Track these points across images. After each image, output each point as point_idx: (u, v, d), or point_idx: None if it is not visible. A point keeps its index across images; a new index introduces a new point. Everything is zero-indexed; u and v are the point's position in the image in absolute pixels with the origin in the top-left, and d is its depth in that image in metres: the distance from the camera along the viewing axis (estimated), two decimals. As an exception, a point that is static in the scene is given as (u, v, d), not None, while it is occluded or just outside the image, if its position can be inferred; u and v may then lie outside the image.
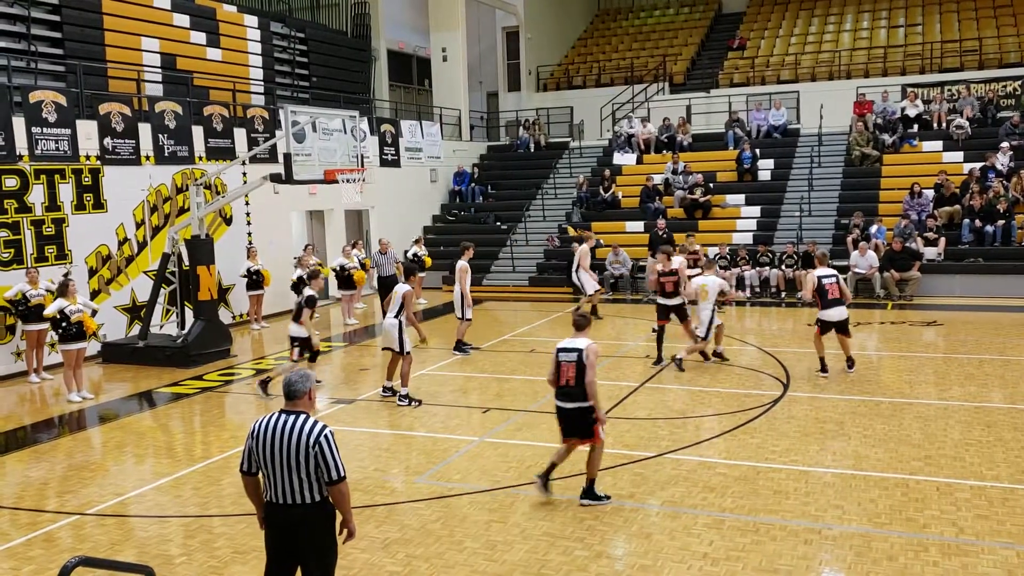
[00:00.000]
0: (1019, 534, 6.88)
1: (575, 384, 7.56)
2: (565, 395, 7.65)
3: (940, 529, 7.02)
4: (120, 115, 15.94)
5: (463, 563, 6.73)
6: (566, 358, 7.64)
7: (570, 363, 7.59)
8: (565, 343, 7.79)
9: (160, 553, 7.11)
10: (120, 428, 11.21)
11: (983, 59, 26.56)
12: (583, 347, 7.62)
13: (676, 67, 30.86)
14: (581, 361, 7.55)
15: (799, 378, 12.21)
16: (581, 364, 7.55)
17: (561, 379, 7.65)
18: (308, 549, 5.07)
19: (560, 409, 7.75)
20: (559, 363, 7.67)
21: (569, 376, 7.58)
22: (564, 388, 7.64)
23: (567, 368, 7.61)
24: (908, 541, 6.82)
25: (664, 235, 20.40)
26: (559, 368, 7.67)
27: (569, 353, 7.64)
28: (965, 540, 6.81)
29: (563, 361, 7.65)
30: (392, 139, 24.09)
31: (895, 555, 6.58)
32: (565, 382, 7.62)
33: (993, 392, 11.20)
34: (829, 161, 23.71)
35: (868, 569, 6.39)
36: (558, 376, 7.69)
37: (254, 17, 22.27)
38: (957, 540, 6.82)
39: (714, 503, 7.74)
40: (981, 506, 7.44)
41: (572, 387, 7.58)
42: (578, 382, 7.55)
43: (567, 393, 7.64)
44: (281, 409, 5.15)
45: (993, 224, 19.39)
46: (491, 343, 15.58)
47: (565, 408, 7.69)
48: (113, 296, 15.81)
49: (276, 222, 19.57)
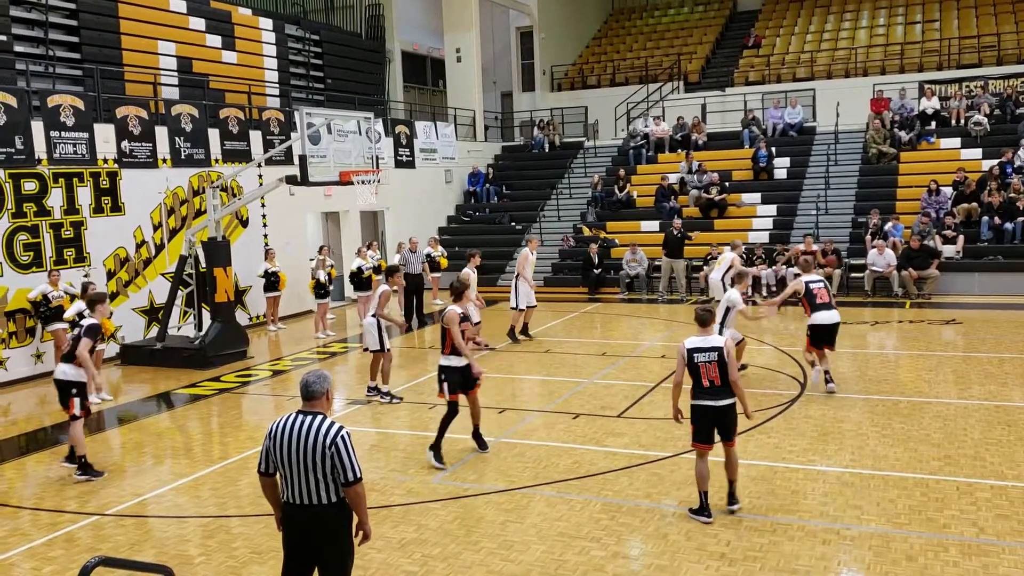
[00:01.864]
0: (1040, 534, 6.83)
1: (721, 383, 7.33)
2: (713, 394, 7.33)
3: (960, 529, 6.96)
4: (137, 118, 16.06)
5: (480, 563, 6.73)
6: (704, 358, 7.32)
7: (710, 363, 7.31)
8: (696, 343, 7.39)
9: (179, 553, 7.15)
10: (139, 429, 11.28)
11: (1001, 55, 26.33)
12: (721, 345, 7.40)
13: (691, 66, 30.77)
14: (722, 359, 7.32)
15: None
16: (723, 362, 7.32)
17: (703, 380, 7.34)
18: (325, 550, 5.08)
19: (709, 408, 7.32)
20: (696, 364, 7.34)
21: (712, 376, 7.31)
22: (710, 388, 7.32)
23: (707, 368, 7.30)
24: (928, 541, 6.77)
25: (679, 235, 20.34)
26: (697, 370, 7.34)
27: (707, 353, 7.32)
28: (986, 540, 6.75)
29: (701, 362, 7.32)
30: (407, 140, 24.14)
31: (915, 555, 6.53)
32: (709, 383, 7.33)
33: (1014, 391, 11.09)
34: (846, 159, 23.57)
35: (887, 569, 6.34)
36: (696, 378, 7.35)
37: (269, 20, 22.38)
38: (978, 540, 6.76)
39: (731, 503, 7.70)
40: (1002, 506, 7.37)
41: (719, 386, 7.32)
42: (723, 380, 7.33)
43: (715, 392, 7.33)
44: (299, 410, 5.17)
45: (1012, 221, 19.22)
46: (506, 343, 15.57)
47: (717, 406, 7.32)
48: (131, 298, 15.92)
49: (292, 224, 19.66)
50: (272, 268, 17.66)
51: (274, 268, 17.67)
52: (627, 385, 12.18)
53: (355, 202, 16.19)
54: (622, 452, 9.26)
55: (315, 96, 22.93)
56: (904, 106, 23.94)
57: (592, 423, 10.37)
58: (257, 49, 21.61)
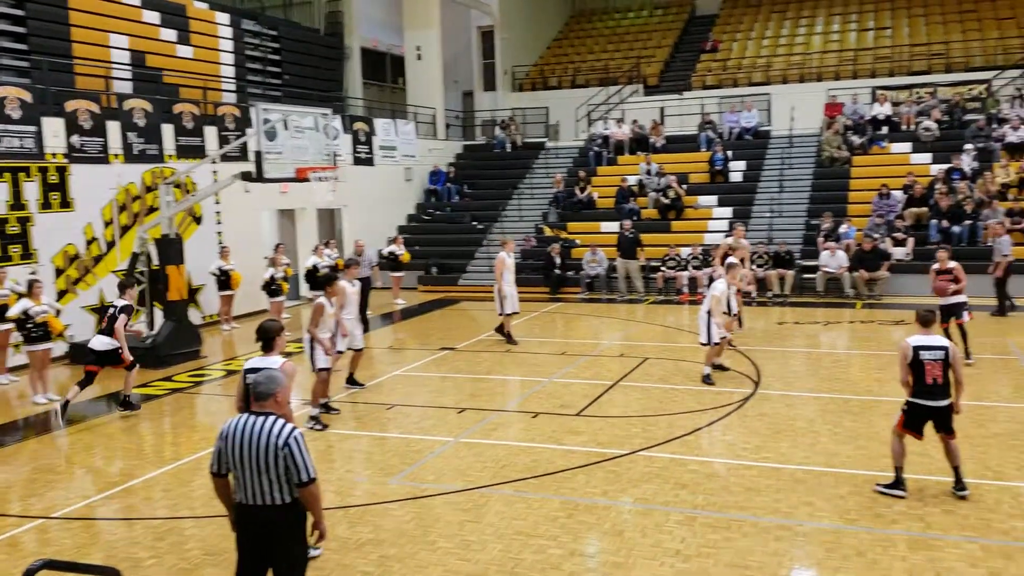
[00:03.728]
0: (983, 528, 6.98)
1: (943, 382, 7.49)
2: (931, 393, 7.50)
3: (908, 524, 7.10)
4: (88, 112, 15.74)
5: (436, 563, 6.70)
6: (931, 356, 7.49)
7: (937, 361, 7.48)
8: (923, 340, 7.59)
9: (128, 556, 7.01)
10: (88, 430, 11.05)
11: (950, 63, 26.90)
12: (948, 345, 7.58)
13: (650, 69, 30.98)
14: (947, 359, 7.50)
15: (770, 376, 12.29)
16: (947, 362, 7.49)
17: (927, 378, 7.48)
18: (279, 550, 5.02)
19: (927, 408, 7.55)
20: (922, 362, 7.49)
21: (936, 375, 7.47)
22: (931, 387, 7.49)
23: (933, 367, 7.47)
24: (877, 537, 6.89)
25: (631, 235, 20.55)
26: (923, 367, 7.49)
27: (935, 351, 7.51)
28: (932, 535, 6.89)
29: (928, 360, 7.48)
30: (366, 137, 23.98)
31: (864, 551, 6.64)
32: (932, 380, 7.48)
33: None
34: (800, 162, 23.91)
35: (838, 565, 6.44)
36: (921, 375, 7.51)
37: (225, 15, 22.09)
38: (924, 535, 6.89)
39: (686, 500, 7.77)
40: (947, 501, 7.53)
41: (940, 385, 7.48)
42: (945, 379, 7.50)
43: (934, 391, 7.50)
44: (251, 410, 5.11)
45: (960, 225, 19.66)
46: (467, 343, 15.55)
47: (936, 406, 7.53)
48: (81, 296, 15.59)
49: (247, 221, 19.41)
50: (226, 266, 17.42)
51: (228, 266, 17.44)
52: (586, 384, 12.22)
53: (312, 199, 16.05)
54: (580, 450, 9.29)
55: (272, 92, 22.68)
56: (857, 111, 24.36)
57: (551, 422, 10.39)
58: (213, 44, 21.31)
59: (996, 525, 7.04)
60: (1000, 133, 22.08)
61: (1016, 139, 21.62)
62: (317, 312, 10.39)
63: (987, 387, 11.40)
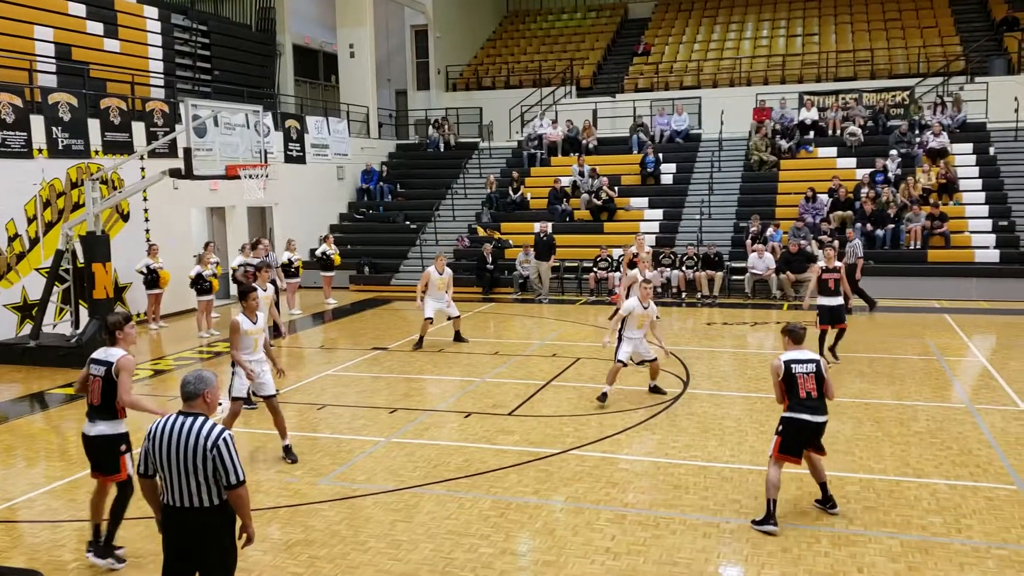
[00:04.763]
0: (902, 524, 7.24)
1: (818, 396, 7.31)
2: (812, 408, 7.26)
3: (831, 521, 7.33)
4: (10, 106, 15.25)
5: (368, 563, 6.69)
6: (803, 369, 7.30)
7: (809, 374, 7.29)
8: (794, 355, 7.39)
9: (52, 559, 6.85)
10: (9, 431, 10.70)
11: (875, 69, 27.79)
12: (818, 359, 7.47)
13: (583, 71, 31.27)
14: (820, 373, 7.35)
15: (699, 376, 12.54)
16: (820, 375, 7.34)
17: (800, 391, 7.26)
18: (207, 553, 4.98)
19: (808, 424, 7.24)
20: (794, 375, 7.29)
21: (810, 388, 7.26)
22: (806, 400, 7.25)
23: (805, 380, 7.27)
24: (801, 533, 7.10)
25: (546, 237, 20.81)
26: (796, 380, 7.28)
27: (806, 364, 7.34)
28: (854, 531, 7.13)
29: (800, 373, 7.28)
30: (297, 135, 23.71)
31: (789, 547, 6.84)
32: (806, 394, 7.26)
33: (882, 389, 11.71)
34: (729, 166, 24.43)
35: (764, 560, 6.62)
36: (795, 389, 7.29)
37: (154, 8, 21.62)
38: (847, 531, 7.12)
39: (616, 498, 7.90)
40: (869, 498, 7.79)
41: (815, 398, 7.28)
42: (820, 393, 7.33)
43: (814, 406, 7.27)
44: (179, 411, 5.05)
45: (883, 228, 20.32)
46: (399, 343, 15.50)
47: (817, 422, 7.28)
48: (2, 294, 15.11)
49: (176, 219, 19.02)
50: (154, 264, 17.04)
51: (156, 264, 17.07)
52: (519, 384, 12.30)
53: (242, 197, 15.82)
54: (512, 450, 9.35)
55: (202, 88, 22.27)
56: (784, 116, 24.99)
57: (483, 421, 10.43)
58: (141, 38, 20.83)
59: (915, 521, 7.29)
60: (923, 139, 22.88)
61: (937, 145, 22.44)
62: (233, 332, 9.12)
63: (908, 387, 11.80)
